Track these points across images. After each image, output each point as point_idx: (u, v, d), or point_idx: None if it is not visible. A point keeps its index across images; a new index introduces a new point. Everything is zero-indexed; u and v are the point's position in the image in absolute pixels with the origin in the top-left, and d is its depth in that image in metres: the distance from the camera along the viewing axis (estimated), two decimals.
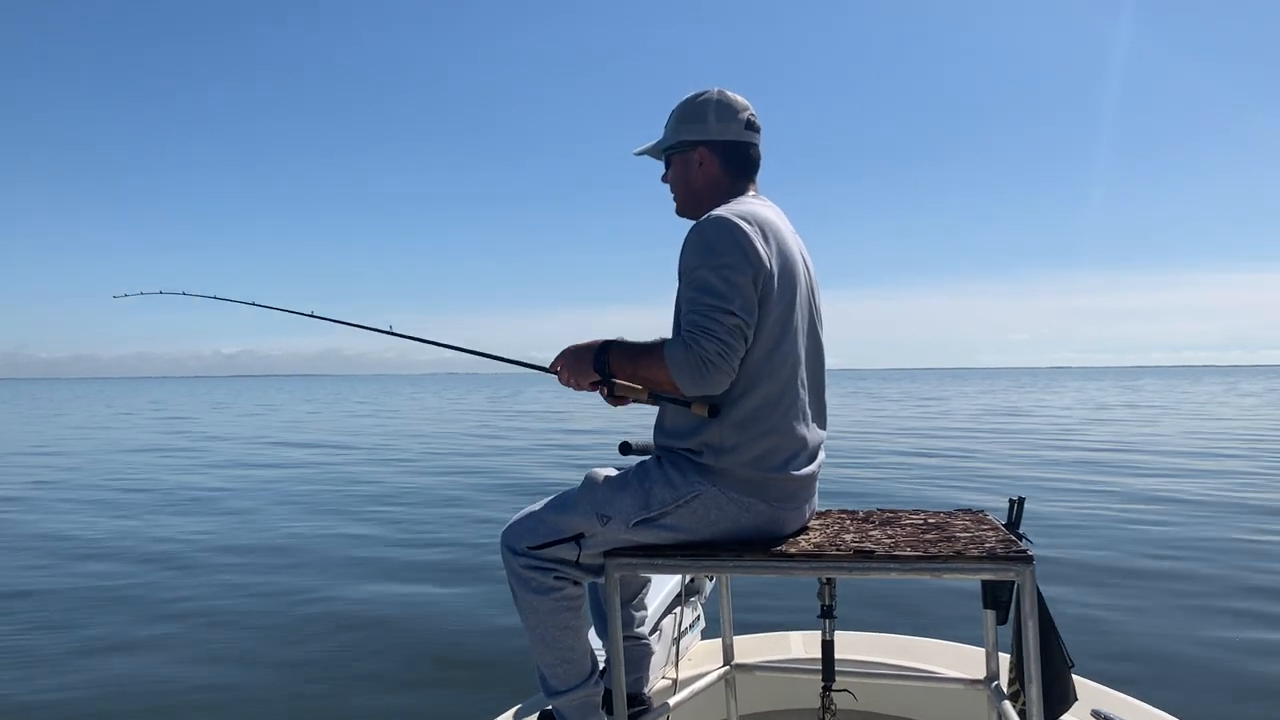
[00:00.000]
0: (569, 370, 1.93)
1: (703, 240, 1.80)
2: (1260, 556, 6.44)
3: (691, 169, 2.01)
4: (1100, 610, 5.12)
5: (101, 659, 4.57)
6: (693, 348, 1.73)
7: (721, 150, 1.98)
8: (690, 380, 1.74)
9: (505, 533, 1.94)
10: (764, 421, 1.83)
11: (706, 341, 1.72)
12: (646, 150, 2.09)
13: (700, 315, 1.75)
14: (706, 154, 1.99)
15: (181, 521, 8.96)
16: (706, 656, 2.63)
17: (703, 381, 1.74)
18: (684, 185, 2.03)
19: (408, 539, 7.83)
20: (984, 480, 10.99)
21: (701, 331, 1.74)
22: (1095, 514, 8.25)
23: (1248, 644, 4.48)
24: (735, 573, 1.82)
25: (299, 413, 35.04)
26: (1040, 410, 29.85)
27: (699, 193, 2.01)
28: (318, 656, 4.60)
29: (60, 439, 21.52)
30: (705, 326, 1.74)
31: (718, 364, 1.73)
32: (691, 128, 1.99)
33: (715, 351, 1.72)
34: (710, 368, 1.72)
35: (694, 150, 1.99)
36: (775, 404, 1.84)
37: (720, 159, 1.99)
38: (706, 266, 1.77)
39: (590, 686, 1.98)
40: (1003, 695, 2.11)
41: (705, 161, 1.99)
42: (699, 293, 1.77)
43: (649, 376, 1.82)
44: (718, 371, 1.73)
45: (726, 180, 1.99)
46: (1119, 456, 13.70)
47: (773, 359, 1.83)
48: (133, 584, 6.24)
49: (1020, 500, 2.05)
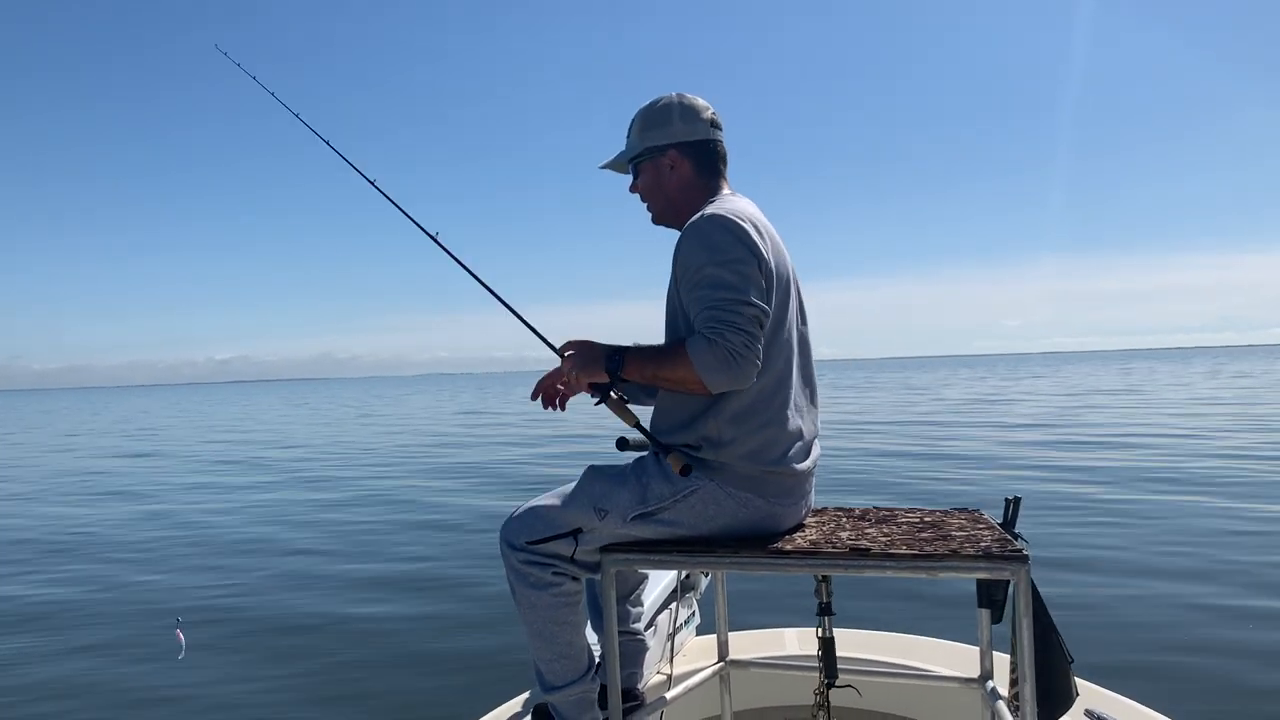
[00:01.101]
0: (578, 361, 1.88)
1: (704, 239, 1.80)
2: (1261, 551, 6.45)
3: (664, 173, 2.01)
4: (1096, 608, 5.13)
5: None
6: (717, 342, 1.71)
7: (691, 151, 1.99)
8: (720, 375, 1.72)
9: (504, 528, 1.95)
10: (760, 415, 1.84)
11: (731, 334, 1.71)
12: (611, 164, 2.08)
13: (719, 309, 1.74)
14: (677, 156, 1.99)
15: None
16: (701, 652, 2.63)
17: (733, 375, 1.72)
18: (658, 191, 2.03)
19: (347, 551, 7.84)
20: (974, 473, 11.00)
21: (725, 325, 1.72)
22: (1088, 508, 8.26)
23: (1247, 642, 4.49)
24: (731, 569, 1.83)
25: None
26: (1029, 398, 29.87)
27: (675, 196, 2.01)
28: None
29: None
30: (727, 320, 1.73)
31: (745, 354, 1.72)
32: (658, 133, 2.00)
33: (741, 343, 1.72)
34: (739, 359, 1.71)
35: (663, 155, 1.99)
36: (771, 397, 1.85)
37: (692, 160, 1.99)
38: (714, 263, 1.77)
39: (587, 682, 1.98)
40: (997, 695, 2.12)
41: (677, 164, 1.99)
42: (712, 289, 1.76)
43: (671, 377, 1.78)
44: (745, 363, 1.72)
45: (701, 180, 2.00)
46: (1113, 443, 13.72)
47: (768, 352, 1.84)
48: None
49: (1016, 500, 2.06)
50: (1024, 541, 1.83)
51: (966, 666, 2.45)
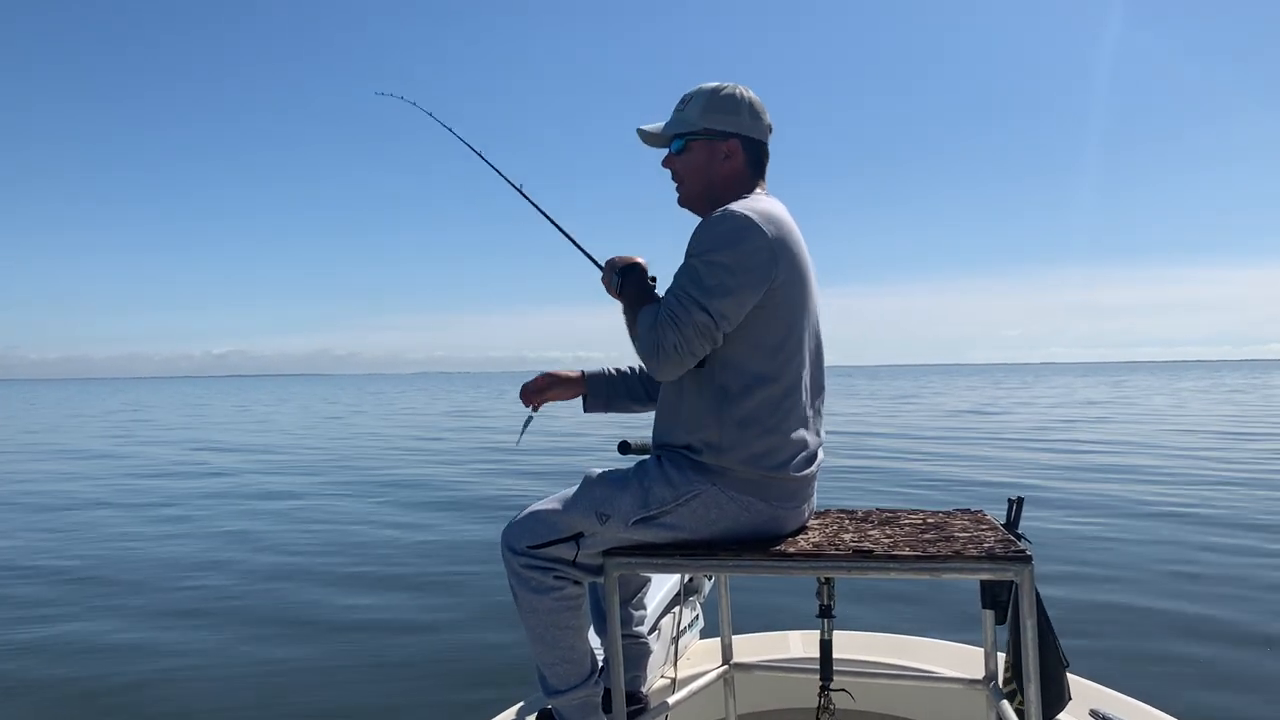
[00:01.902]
0: (607, 273, 2.01)
1: (712, 232, 1.80)
2: (1260, 553, 6.45)
3: (717, 159, 1.96)
4: (1099, 609, 5.12)
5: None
6: (654, 329, 1.77)
7: (750, 147, 1.98)
8: (643, 357, 1.80)
9: (505, 532, 1.94)
10: (763, 422, 1.83)
11: (668, 330, 1.75)
12: (651, 130, 2.01)
13: (678, 302, 1.77)
14: (738, 148, 1.96)
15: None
16: (705, 656, 2.63)
17: (653, 364, 1.78)
18: (702, 174, 1.98)
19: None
20: (974, 479, 11.00)
21: (670, 318, 1.76)
22: (1087, 511, 8.26)
23: (1244, 642, 4.48)
24: (734, 572, 1.82)
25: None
26: (1024, 407, 29.80)
27: (718, 185, 1.97)
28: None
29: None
30: (675, 315, 1.76)
31: (670, 355, 1.75)
32: (724, 118, 1.95)
33: (672, 343, 1.74)
34: (663, 355, 1.75)
35: (725, 141, 1.96)
36: (777, 406, 1.84)
37: (748, 155, 1.98)
38: (703, 258, 1.78)
39: (590, 686, 1.98)
40: (1001, 695, 2.12)
41: (734, 155, 1.96)
42: (685, 280, 1.79)
43: (631, 330, 1.89)
44: (668, 362, 1.76)
45: (748, 177, 1.99)
46: (1111, 452, 13.72)
47: (776, 360, 1.83)
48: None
49: (1019, 500, 2.06)
50: (1027, 542, 1.82)
51: (970, 668, 2.45)
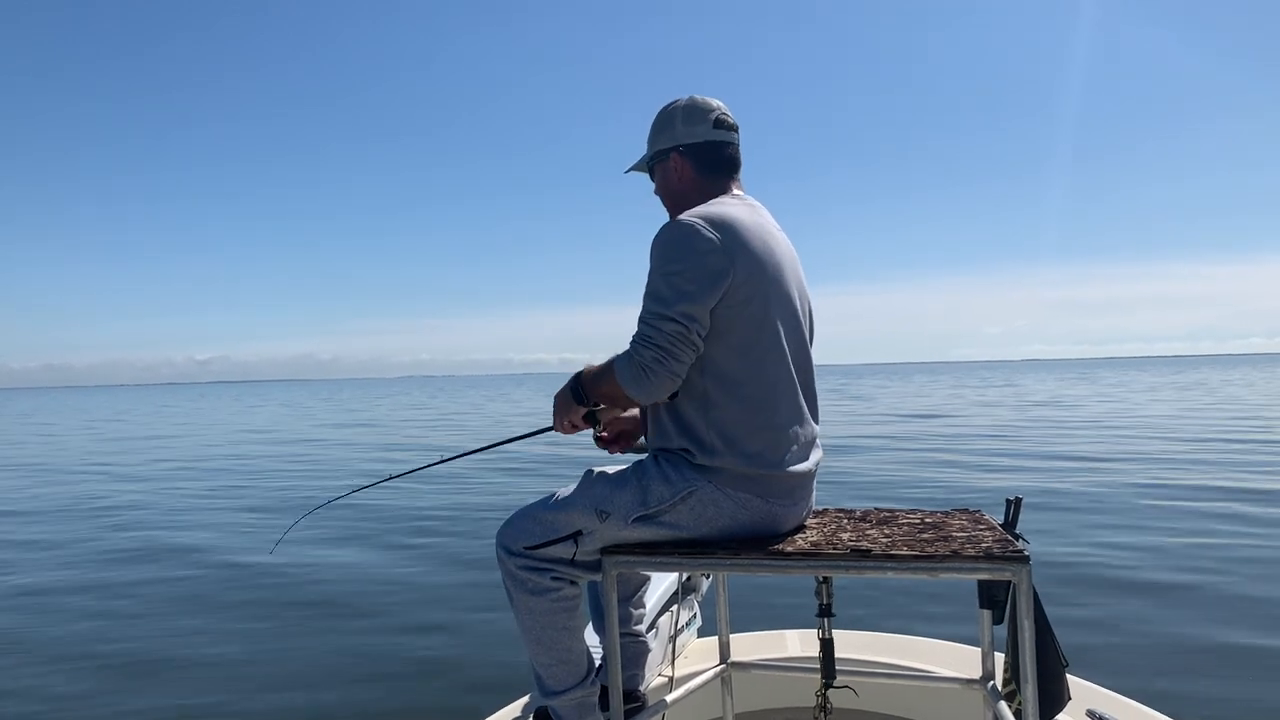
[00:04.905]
0: (559, 415, 1.99)
1: (659, 246, 1.83)
2: (1258, 550, 6.45)
3: (670, 176, 2.04)
4: (1098, 609, 5.13)
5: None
6: (633, 357, 1.78)
7: (693, 152, 2.01)
8: (635, 389, 1.79)
9: (501, 533, 1.94)
10: (750, 421, 1.83)
11: (644, 349, 1.76)
12: (635, 168, 2.14)
13: (643, 323, 1.79)
14: (679, 158, 2.02)
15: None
16: (703, 654, 2.63)
17: (645, 389, 1.78)
18: (668, 193, 2.07)
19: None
20: (974, 479, 11.00)
21: (640, 339, 1.78)
22: (1088, 511, 8.26)
23: (1246, 643, 4.48)
24: (732, 571, 1.82)
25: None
26: (1010, 401, 29.77)
27: (681, 199, 2.03)
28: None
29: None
30: (644, 334, 1.78)
31: (656, 370, 1.76)
32: (663, 136, 2.04)
33: (652, 358, 1.75)
34: (650, 375, 1.76)
35: (668, 158, 2.03)
36: (761, 404, 1.84)
37: (693, 161, 2.01)
38: (658, 272, 1.81)
39: (587, 687, 1.98)
40: (999, 695, 2.12)
41: (679, 166, 2.02)
42: (646, 299, 1.81)
43: (611, 394, 1.87)
44: (657, 378, 1.76)
45: (703, 181, 2.02)
46: (1110, 452, 13.73)
47: (750, 358, 1.83)
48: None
49: (1017, 500, 2.05)
50: (1025, 542, 1.82)
51: (968, 667, 2.45)
